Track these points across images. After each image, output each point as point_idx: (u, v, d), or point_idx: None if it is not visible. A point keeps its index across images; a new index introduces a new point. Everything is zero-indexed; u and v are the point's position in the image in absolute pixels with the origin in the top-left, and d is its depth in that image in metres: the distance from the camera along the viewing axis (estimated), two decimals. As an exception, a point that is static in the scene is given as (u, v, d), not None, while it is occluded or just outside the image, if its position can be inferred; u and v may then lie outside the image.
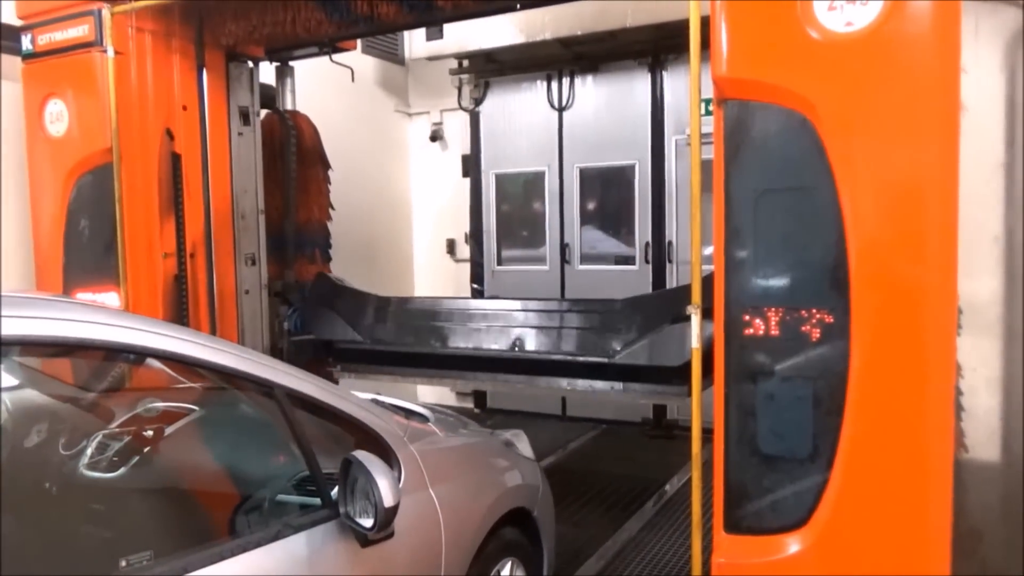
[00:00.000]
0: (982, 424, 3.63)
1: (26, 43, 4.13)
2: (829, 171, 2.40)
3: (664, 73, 6.59)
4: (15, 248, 4.44)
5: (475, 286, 7.48)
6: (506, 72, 7.17)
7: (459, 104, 7.37)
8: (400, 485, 2.32)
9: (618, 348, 4.02)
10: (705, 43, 2.55)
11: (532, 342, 4.30)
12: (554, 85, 7.03)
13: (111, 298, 4.03)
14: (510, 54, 6.78)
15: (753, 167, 2.51)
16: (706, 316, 2.70)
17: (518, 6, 4.25)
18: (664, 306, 4.04)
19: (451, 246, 8.00)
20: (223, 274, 4.54)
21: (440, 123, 7.97)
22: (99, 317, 1.90)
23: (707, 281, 2.67)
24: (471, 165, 7.46)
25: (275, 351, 4.95)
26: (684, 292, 3.77)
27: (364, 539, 2.12)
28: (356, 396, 2.61)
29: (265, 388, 2.17)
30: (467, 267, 7.68)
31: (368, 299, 4.93)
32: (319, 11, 3.89)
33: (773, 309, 2.50)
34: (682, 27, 5.68)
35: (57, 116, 4.08)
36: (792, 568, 2.49)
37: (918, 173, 2.36)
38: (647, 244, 6.73)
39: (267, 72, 5.29)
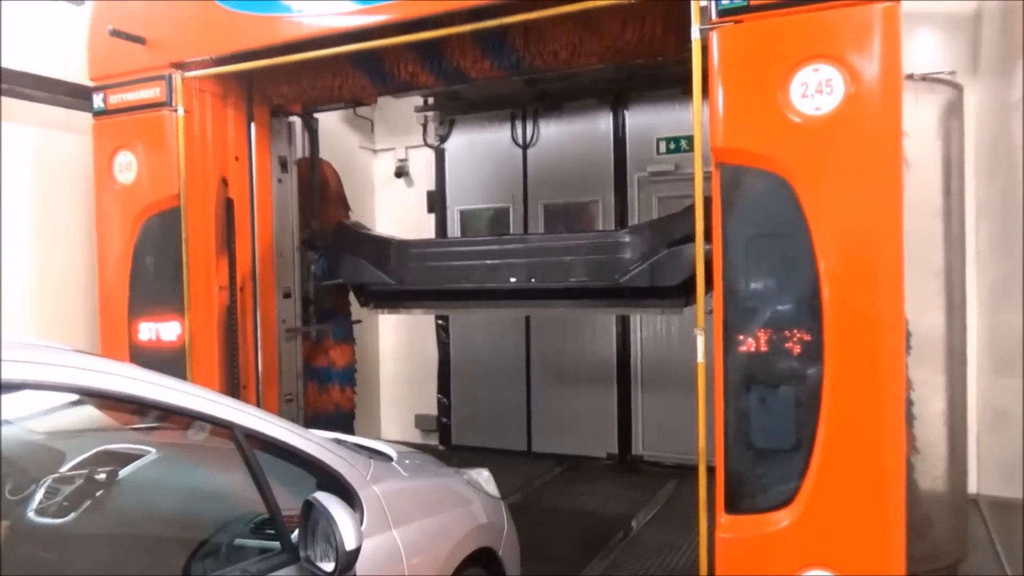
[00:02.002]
0: (931, 429, 4.27)
1: (98, 102, 4.65)
2: (804, 221, 3.02)
3: (626, 112, 6.81)
4: (82, 284, 4.95)
5: (440, 321, 7.60)
6: (471, 110, 7.24)
7: (424, 141, 7.48)
8: (362, 527, 2.28)
9: (623, 272, 4.42)
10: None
11: (547, 272, 4.66)
12: (518, 123, 7.16)
13: (173, 327, 4.52)
14: (474, 92, 6.77)
15: (744, 217, 3.13)
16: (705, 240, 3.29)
17: (526, 73, 4.84)
18: (661, 233, 4.40)
19: None
20: (265, 305, 5.05)
21: (405, 159, 8.00)
22: (53, 358, 1.87)
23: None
24: (436, 201, 7.56)
25: (304, 293, 5.41)
26: (678, 219, 4.36)
27: None
28: (317, 435, 2.58)
29: (224, 428, 2.14)
30: (430, 302, 7.93)
31: (389, 243, 5.25)
32: (365, 77, 4.48)
33: (762, 330, 3.09)
34: (643, 68, 6.22)
35: (126, 166, 4.59)
36: (782, 539, 3.05)
37: (871, 221, 2.98)
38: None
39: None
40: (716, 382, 3.20)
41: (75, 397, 1.98)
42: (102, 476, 2.16)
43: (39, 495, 2.06)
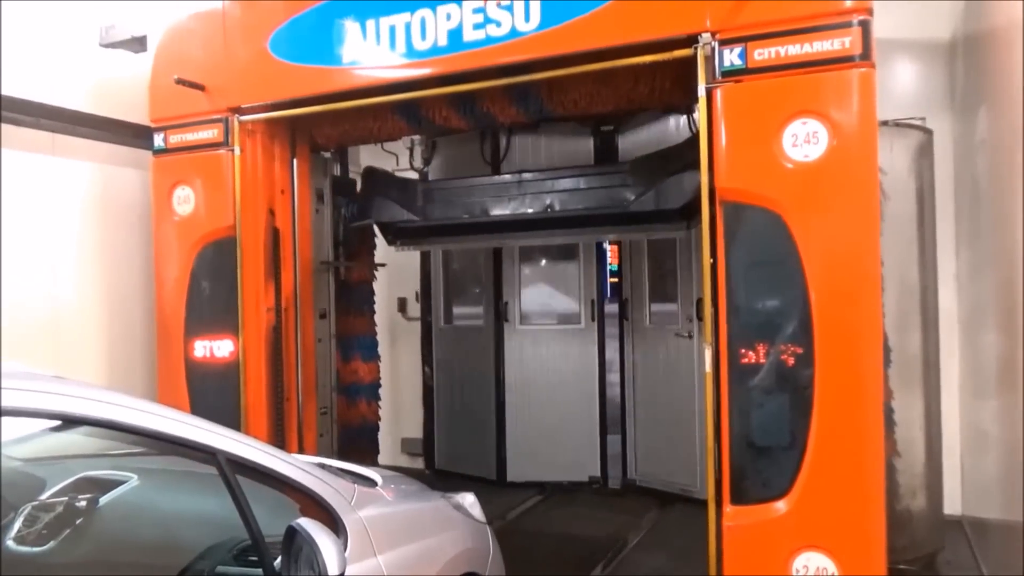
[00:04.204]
0: (911, 433, 4.77)
1: (158, 141, 5.13)
2: (795, 250, 3.49)
3: (608, 136, 6.83)
4: (139, 306, 5.41)
5: (424, 350, 7.76)
6: (449, 132, 7.06)
7: (411, 164, 7.52)
8: (346, 553, 2.26)
9: (631, 199, 4.86)
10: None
11: (561, 203, 5.12)
12: (500, 144, 7.20)
13: (226, 344, 4.97)
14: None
15: (745, 247, 3.61)
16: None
17: (548, 117, 5.35)
18: (663, 163, 4.77)
19: (402, 304, 8.09)
20: (305, 325, 5.51)
21: (391, 183, 8.19)
22: (33, 385, 1.88)
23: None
24: (423, 222, 7.77)
25: (335, 236, 5.84)
26: (678, 150, 4.82)
27: None
28: (301, 460, 2.57)
29: (206, 454, 2.13)
30: (418, 325, 7.89)
31: (415, 183, 5.65)
32: (403, 121, 5.00)
33: (761, 344, 3.56)
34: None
35: (184, 199, 5.06)
36: (780, 524, 3.49)
37: (853, 250, 3.46)
38: (592, 301, 7.09)
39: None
40: (722, 389, 3.69)
41: (56, 423, 1.98)
42: (83, 503, 2.16)
43: (18, 523, 2.05)
